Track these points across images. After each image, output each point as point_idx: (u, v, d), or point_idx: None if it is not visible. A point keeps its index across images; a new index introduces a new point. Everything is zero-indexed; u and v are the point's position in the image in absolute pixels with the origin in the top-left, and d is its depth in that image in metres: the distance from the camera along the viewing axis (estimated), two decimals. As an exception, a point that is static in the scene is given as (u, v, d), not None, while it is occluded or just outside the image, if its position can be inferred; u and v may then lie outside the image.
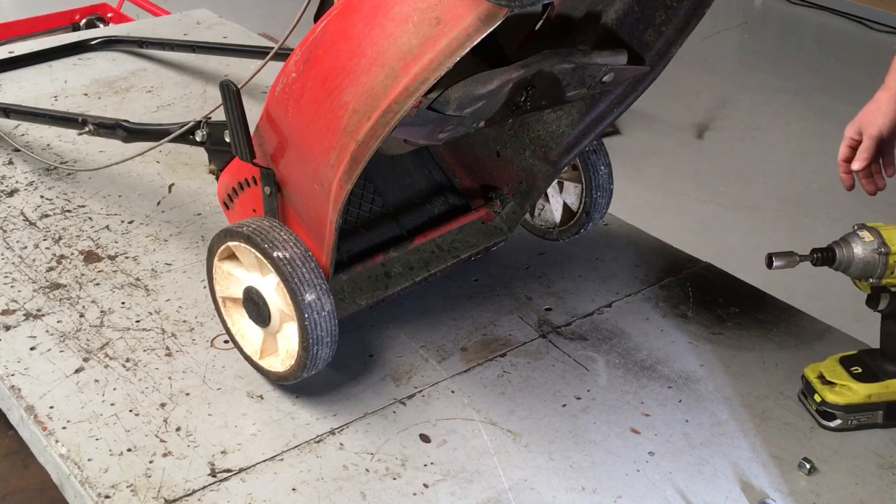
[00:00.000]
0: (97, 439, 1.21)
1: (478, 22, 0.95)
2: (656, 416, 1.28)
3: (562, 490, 1.16)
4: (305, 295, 1.16)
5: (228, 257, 1.28)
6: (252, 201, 1.32)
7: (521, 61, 1.11)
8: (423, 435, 1.24)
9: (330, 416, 1.26)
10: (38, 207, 1.69)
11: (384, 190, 1.42)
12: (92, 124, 1.61)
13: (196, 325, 1.41)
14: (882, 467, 1.20)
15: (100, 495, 1.13)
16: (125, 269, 1.53)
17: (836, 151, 1.37)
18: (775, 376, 1.35)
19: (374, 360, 1.37)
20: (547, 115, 1.41)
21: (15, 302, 1.45)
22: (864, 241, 1.21)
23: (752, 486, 1.17)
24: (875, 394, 1.24)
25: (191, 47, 2.22)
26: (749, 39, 4.60)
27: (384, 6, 1.03)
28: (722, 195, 3.25)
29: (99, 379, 1.31)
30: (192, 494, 1.14)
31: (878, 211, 3.25)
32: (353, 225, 1.38)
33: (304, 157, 1.18)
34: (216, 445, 1.21)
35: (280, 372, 1.26)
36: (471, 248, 1.44)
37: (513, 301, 1.49)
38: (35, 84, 2.14)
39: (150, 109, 2.03)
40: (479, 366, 1.36)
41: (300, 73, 1.12)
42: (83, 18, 3.29)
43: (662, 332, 1.43)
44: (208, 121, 1.38)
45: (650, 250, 1.63)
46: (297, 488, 1.16)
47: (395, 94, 1.02)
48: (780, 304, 1.50)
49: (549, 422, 1.27)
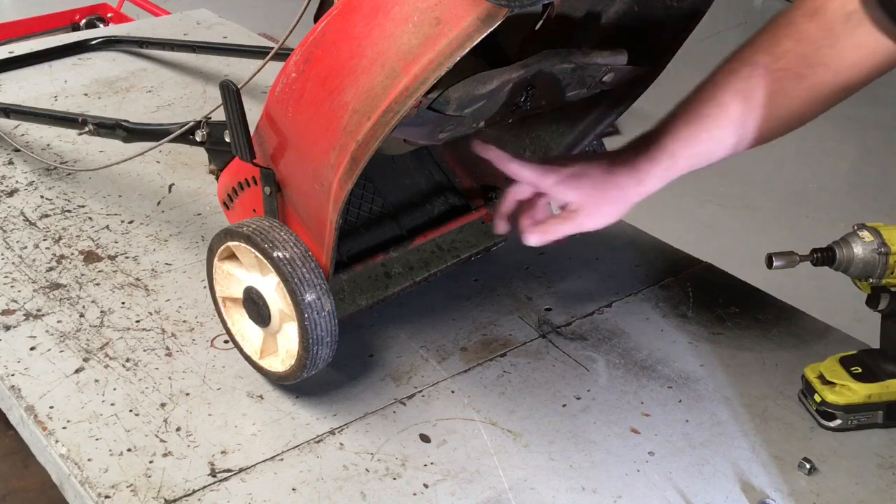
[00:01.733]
0: (97, 439, 1.21)
1: (478, 22, 0.95)
2: (656, 416, 1.28)
3: (562, 490, 1.17)
4: (305, 295, 1.16)
5: (228, 257, 1.28)
6: (252, 201, 1.32)
7: (521, 61, 1.11)
8: (423, 435, 1.24)
9: (330, 416, 1.26)
10: (38, 207, 1.69)
11: (384, 190, 1.42)
12: (92, 124, 1.60)
13: (196, 325, 1.41)
14: (882, 467, 1.20)
15: (100, 495, 1.13)
16: (125, 269, 1.53)
17: (836, 151, 1.37)
18: (775, 376, 1.35)
19: (374, 360, 1.37)
20: (547, 115, 1.41)
21: (15, 302, 1.45)
22: (864, 241, 1.21)
23: (752, 486, 1.17)
24: (875, 394, 1.24)
25: (191, 47, 2.22)
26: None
27: (384, 6, 1.03)
28: (722, 195, 3.25)
29: (99, 379, 1.31)
30: (192, 494, 1.14)
31: (878, 211, 3.24)
32: (353, 225, 1.38)
33: (304, 157, 1.18)
34: (216, 445, 1.21)
35: (280, 372, 1.26)
36: (471, 248, 1.44)
37: (513, 301, 1.49)
38: (35, 84, 2.14)
39: (150, 109, 2.03)
40: (479, 366, 1.36)
41: (300, 73, 1.12)
42: (83, 18, 3.30)
43: (662, 332, 1.43)
44: (208, 121, 1.38)
45: (650, 250, 1.63)
46: (297, 488, 1.16)
47: (395, 94, 1.02)
48: (780, 304, 1.50)
49: (549, 422, 1.27)
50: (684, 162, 1.18)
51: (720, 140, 1.16)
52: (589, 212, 1.19)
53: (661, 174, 1.18)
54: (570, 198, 1.20)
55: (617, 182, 1.19)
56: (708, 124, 1.15)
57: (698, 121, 1.16)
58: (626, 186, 1.19)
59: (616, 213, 1.21)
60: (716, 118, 1.15)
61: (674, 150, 1.17)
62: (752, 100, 1.13)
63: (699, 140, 1.16)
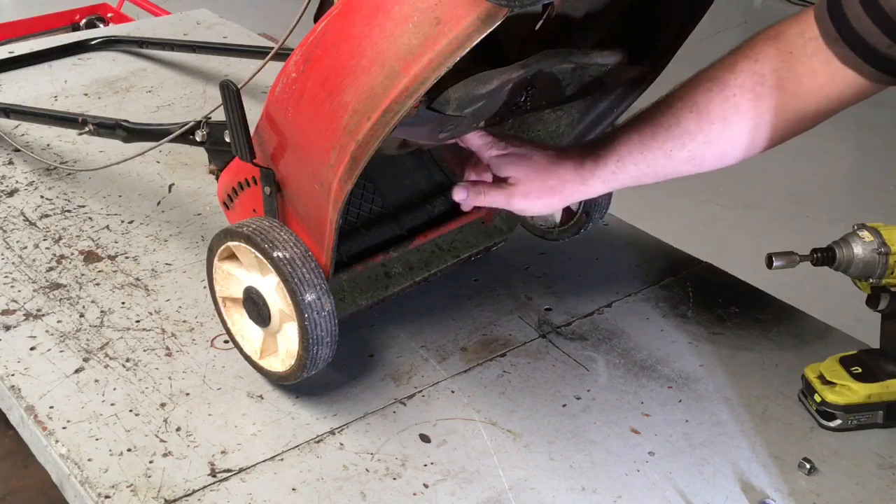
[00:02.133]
0: (97, 439, 1.21)
1: (478, 22, 0.95)
2: (656, 416, 1.28)
3: (562, 490, 1.17)
4: (305, 295, 1.16)
5: (228, 257, 1.28)
6: (252, 201, 1.32)
7: (521, 61, 1.11)
8: (423, 435, 1.24)
9: (330, 416, 1.26)
10: (38, 207, 1.69)
11: (384, 190, 1.42)
12: (92, 124, 1.60)
13: (196, 325, 1.41)
14: (882, 467, 1.20)
15: (100, 495, 1.13)
16: (125, 269, 1.53)
17: (836, 151, 1.37)
18: (775, 376, 1.35)
19: (374, 360, 1.37)
20: (547, 115, 1.41)
21: (15, 302, 1.45)
22: (864, 241, 1.21)
23: (752, 486, 1.17)
24: (875, 394, 1.24)
25: (191, 47, 2.22)
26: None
27: (384, 6, 1.03)
28: (722, 195, 3.25)
29: (99, 379, 1.31)
30: (192, 494, 1.14)
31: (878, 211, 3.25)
32: (353, 225, 1.38)
33: (304, 157, 1.18)
34: (216, 445, 1.21)
35: (280, 372, 1.26)
36: (471, 248, 1.45)
37: (513, 301, 1.49)
38: (35, 84, 2.14)
39: (150, 109, 2.03)
40: (479, 366, 1.36)
41: (300, 73, 1.12)
42: (83, 18, 3.29)
43: (662, 332, 1.43)
44: (208, 121, 1.38)
45: (650, 250, 1.63)
46: (297, 488, 1.16)
47: (395, 94, 1.02)
48: (780, 304, 1.50)
49: (549, 422, 1.27)
50: (632, 169, 1.16)
51: (670, 153, 1.15)
52: (523, 190, 1.20)
53: (606, 177, 1.18)
54: (509, 172, 1.21)
55: (558, 174, 1.19)
56: (661, 134, 1.14)
57: (651, 129, 1.15)
58: (567, 181, 1.19)
59: (552, 205, 1.21)
60: (668, 128, 1.14)
61: (621, 155, 1.16)
62: (707, 114, 1.12)
63: (649, 148, 1.15)
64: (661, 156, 1.15)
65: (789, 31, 1.09)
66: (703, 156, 1.15)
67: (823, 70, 1.07)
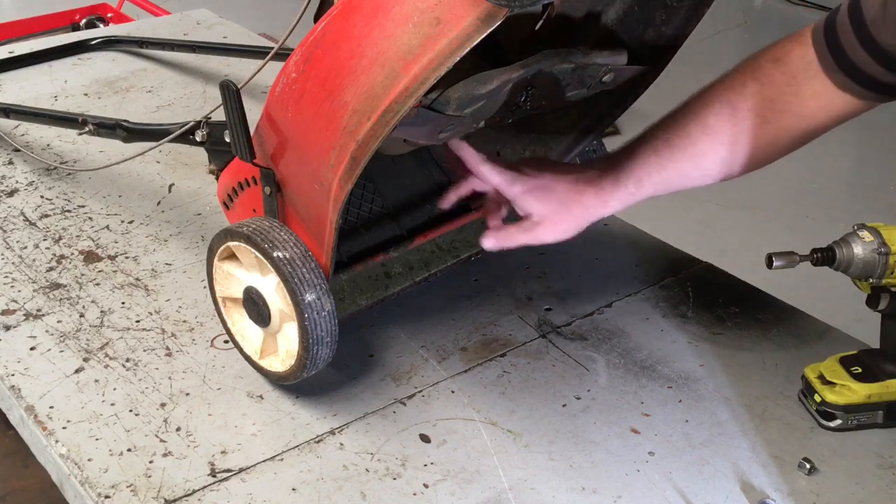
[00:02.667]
0: (97, 439, 1.21)
1: (478, 22, 0.95)
2: (656, 416, 1.28)
3: (562, 490, 1.17)
4: (305, 295, 1.16)
5: (228, 257, 1.28)
6: (252, 201, 1.32)
7: (521, 61, 1.11)
8: (423, 435, 1.24)
9: (330, 416, 1.26)
10: (38, 207, 1.69)
11: (384, 190, 1.42)
12: (92, 124, 1.60)
13: (196, 325, 1.41)
14: (882, 467, 1.20)
15: (100, 495, 1.13)
16: (125, 269, 1.53)
17: (836, 151, 1.38)
18: (775, 376, 1.35)
19: (374, 360, 1.37)
20: (547, 115, 1.41)
21: (15, 302, 1.45)
22: (864, 241, 1.21)
23: (752, 486, 1.17)
24: (875, 394, 1.24)
25: (191, 47, 2.22)
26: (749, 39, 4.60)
27: (384, 6, 1.03)
28: (721, 195, 3.24)
29: (99, 379, 1.31)
30: (192, 494, 1.14)
31: (878, 211, 3.24)
32: (353, 225, 1.38)
33: (304, 157, 1.18)
34: (216, 445, 1.21)
35: (280, 372, 1.26)
36: (471, 248, 1.44)
37: (513, 301, 1.49)
38: (35, 84, 2.14)
39: (150, 109, 2.03)
40: (479, 366, 1.36)
41: (300, 73, 1.12)
42: (83, 18, 3.30)
43: (662, 332, 1.43)
44: (208, 121, 1.38)
45: (650, 250, 1.63)
46: (297, 488, 1.16)
47: (395, 94, 1.02)
48: (780, 304, 1.50)
49: (549, 422, 1.27)
50: (650, 188, 1.21)
51: (685, 172, 1.20)
52: (549, 225, 1.22)
53: (625, 198, 1.21)
54: (533, 210, 1.22)
55: (581, 200, 1.21)
56: (677, 155, 1.18)
57: (667, 150, 1.18)
58: (589, 206, 1.22)
59: (575, 229, 1.23)
60: (684, 149, 1.18)
61: (640, 176, 1.20)
62: (719, 135, 1.16)
63: (665, 169, 1.19)
64: (677, 175, 1.20)
65: (792, 53, 1.12)
66: (712, 173, 1.20)
67: (824, 92, 1.10)
